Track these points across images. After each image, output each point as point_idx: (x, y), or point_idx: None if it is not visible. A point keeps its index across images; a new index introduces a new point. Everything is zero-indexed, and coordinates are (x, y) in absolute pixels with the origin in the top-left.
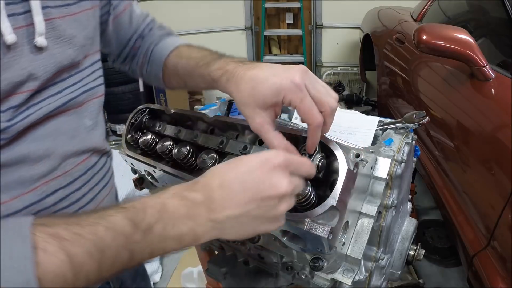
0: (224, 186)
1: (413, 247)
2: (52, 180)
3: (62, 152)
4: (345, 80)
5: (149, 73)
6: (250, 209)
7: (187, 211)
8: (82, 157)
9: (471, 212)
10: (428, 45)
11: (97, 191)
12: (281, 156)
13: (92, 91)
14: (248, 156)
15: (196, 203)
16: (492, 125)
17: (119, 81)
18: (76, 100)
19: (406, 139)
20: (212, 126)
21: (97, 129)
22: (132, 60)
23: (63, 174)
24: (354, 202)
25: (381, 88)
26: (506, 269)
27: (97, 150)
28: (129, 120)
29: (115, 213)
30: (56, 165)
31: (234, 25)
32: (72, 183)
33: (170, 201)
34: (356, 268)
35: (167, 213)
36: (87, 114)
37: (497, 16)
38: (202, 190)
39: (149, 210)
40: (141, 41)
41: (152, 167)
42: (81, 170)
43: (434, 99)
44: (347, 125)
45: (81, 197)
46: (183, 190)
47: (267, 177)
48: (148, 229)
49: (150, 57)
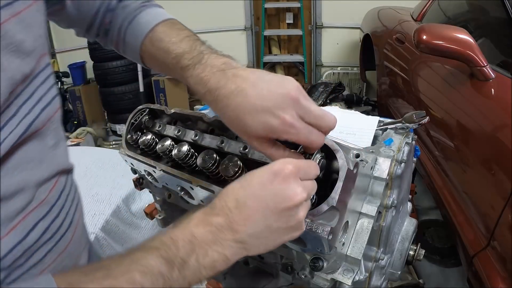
0: (241, 207)
1: (413, 247)
2: (30, 213)
3: (35, 181)
4: (345, 80)
5: (127, 55)
6: (270, 223)
7: (213, 237)
8: (53, 181)
9: (471, 212)
10: (428, 45)
11: (72, 213)
12: (289, 165)
13: (49, 107)
14: (258, 171)
15: (220, 227)
16: (492, 125)
17: (119, 81)
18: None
19: (406, 139)
20: (212, 126)
21: (59, 146)
22: (106, 36)
23: (39, 204)
24: (354, 202)
25: (381, 88)
26: (506, 269)
27: (64, 170)
28: (129, 120)
29: (147, 255)
30: (31, 197)
31: (234, 25)
32: (50, 212)
33: (197, 230)
34: (356, 268)
35: (198, 243)
36: (49, 132)
37: (497, 16)
38: (222, 213)
39: (181, 243)
40: (111, 15)
41: (152, 167)
42: (55, 195)
43: (434, 99)
44: (347, 125)
45: (61, 224)
46: (205, 216)
47: (281, 189)
48: (183, 263)
49: (124, 38)
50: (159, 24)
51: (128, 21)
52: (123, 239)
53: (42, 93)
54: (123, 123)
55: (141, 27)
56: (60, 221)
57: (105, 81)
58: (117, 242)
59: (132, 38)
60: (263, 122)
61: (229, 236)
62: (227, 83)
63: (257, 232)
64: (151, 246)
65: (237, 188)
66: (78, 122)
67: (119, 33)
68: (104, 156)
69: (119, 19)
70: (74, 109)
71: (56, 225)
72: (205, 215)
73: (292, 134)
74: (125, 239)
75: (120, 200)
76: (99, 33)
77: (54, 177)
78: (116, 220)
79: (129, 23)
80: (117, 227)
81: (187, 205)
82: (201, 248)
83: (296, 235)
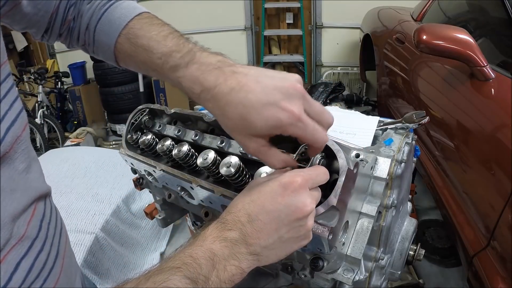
0: (253, 220)
1: (413, 247)
2: (9, 252)
3: (9, 215)
4: (345, 80)
5: (98, 55)
6: (281, 234)
7: (230, 251)
8: (30, 211)
9: (471, 212)
10: (428, 45)
11: (57, 243)
12: (299, 177)
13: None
14: (267, 184)
15: (235, 241)
16: (492, 125)
17: (119, 81)
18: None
19: (406, 139)
20: (212, 126)
21: (32, 169)
22: (70, 35)
23: (19, 240)
24: (354, 202)
25: (381, 88)
26: (506, 269)
27: (41, 195)
28: (129, 120)
29: (170, 276)
30: (8, 234)
31: (234, 25)
32: (32, 247)
33: (215, 246)
34: (356, 268)
35: (217, 259)
36: (17, 155)
37: (497, 16)
38: (235, 228)
39: (202, 261)
40: (74, 11)
41: (152, 167)
42: (35, 227)
43: (434, 99)
44: (347, 125)
45: (47, 259)
46: (219, 232)
47: (291, 201)
48: (206, 281)
49: (94, 37)
50: (133, 18)
51: (97, 17)
52: (123, 239)
53: (6, 108)
54: (123, 123)
55: (113, 23)
56: (45, 256)
57: (105, 81)
58: (117, 242)
59: (104, 36)
60: (269, 116)
61: (243, 250)
62: (226, 80)
63: (270, 243)
64: (172, 267)
65: (247, 202)
66: (78, 122)
67: (87, 32)
68: (104, 156)
69: (86, 15)
70: (74, 109)
71: (41, 261)
72: (219, 231)
73: (300, 128)
74: (125, 239)
75: (120, 200)
76: (61, 33)
77: (31, 205)
78: (116, 220)
79: (98, 19)
80: (117, 227)
81: (187, 205)
82: (220, 263)
83: (304, 243)
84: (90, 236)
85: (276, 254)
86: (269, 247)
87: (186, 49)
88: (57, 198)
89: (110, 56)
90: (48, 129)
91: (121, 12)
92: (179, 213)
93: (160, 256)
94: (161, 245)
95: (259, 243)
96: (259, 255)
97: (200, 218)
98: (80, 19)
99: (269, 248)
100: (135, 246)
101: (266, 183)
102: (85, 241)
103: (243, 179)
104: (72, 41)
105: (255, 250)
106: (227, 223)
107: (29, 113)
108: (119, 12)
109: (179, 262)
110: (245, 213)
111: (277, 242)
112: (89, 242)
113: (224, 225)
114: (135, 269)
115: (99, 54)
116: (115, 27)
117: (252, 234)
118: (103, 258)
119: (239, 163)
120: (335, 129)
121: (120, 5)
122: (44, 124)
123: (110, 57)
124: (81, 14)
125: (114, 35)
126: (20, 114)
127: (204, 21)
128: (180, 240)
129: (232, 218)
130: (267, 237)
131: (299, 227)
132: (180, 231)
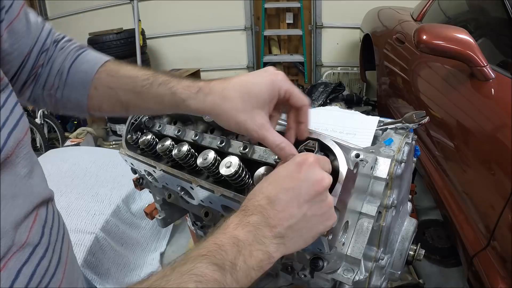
0: (273, 202)
1: (413, 247)
2: (10, 259)
3: (11, 222)
4: (345, 80)
5: (67, 99)
6: (304, 212)
7: (254, 236)
8: (32, 217)
9: (471, 212)
10: (428, 45)
11: (59, 249)
12: (311, 155)
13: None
14: (281, 167)
15: (258, 225)
16: (492, 125)
17: None
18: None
19: (406, 139)
20: (212, 126)
21: (34, 173)
22: (34, 82)
23: (21, 247)
24: (354, 202)
25: (381, 88)
26: (506, 269)
27: (44, 200)
28: (129, 120)
29: (198, 263)
30: (9, 241)
31: (234, 25)
32: (34, 253)
33: (238, 232)
34: (356, 268)
35: (242, 245)
36: (19, 160)
37: (497, 16)
38: (257, 212)
39: (227, 247)
40: (45, 57)
41: (152, 167)
42: (37, 233)
43: (434, 99)
44: (347, 125)
45: (48, 265)
46: (241, 219)
47: (309, 175)
48: (233, 267)
49: (67, 78)
50: (108, 61)
51: (71, 58)
52: (123, 239)
53: (6, 114)
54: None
55: (90, 62)
56: (47, 262)
57: None
58: (117, 242)
59: (79, 76)
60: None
61: (268, 233)
62: (221, 78)
63: (293, 223)
64: (197, 255)
65: (265, 186)
66: (78, 122)
67: (59, 74)
68: (104, 156)
69: (58, 59)
70: None
71: (43, 267)
72: (241, 218)
73: (290, 85)
74: (125, 239)
75: (120, 200)
76: (27, 80)
77: (33, 211)
78: (116, 220)
79: (73, 60)
80: (117, 227)
81: (187, 205)
82: (245, 249)
83: (329, 224)
84: (90, 236)
85: (302, 237)
86: (293, 228)
87: (169, 73)
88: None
89: (81, 98)
90: (48, 129)
91: (95, 55)
92: (179, 213)
93: (160, 256)
94: (161, 245)
95: (283, 223)
96: (284, 237)
97: (200, 218)
98: (52, 63)
99: (293, 229)
100: (135, 246)
101: (281, 167)
102: (85, 241)
103: (243, 179)
104: (36, 89)
105: (280, 232)
106: (248, 209)
107: (29, 113)
108: (93, 55)
109: (204, 250)
110: (264, 196)
111: (301, 221)
112: (89, 242)
113: (244, 211)
114: (135, 269)
115: (70, 96)
116: (93, 65)
117: (274, 216)
118: (103, 258)
119: (239, 163)
120: (335, 129)
121: (91, 52)
122: (44, 124)
123: (81, 99)
124: (53, 58)
125: (92, 71)
126: (21, 119)
127: (204, 21)
128: (180, 240)
129: (252, 204)
130: (289, 217)
131: (321, 202)
132: (180, 231)
